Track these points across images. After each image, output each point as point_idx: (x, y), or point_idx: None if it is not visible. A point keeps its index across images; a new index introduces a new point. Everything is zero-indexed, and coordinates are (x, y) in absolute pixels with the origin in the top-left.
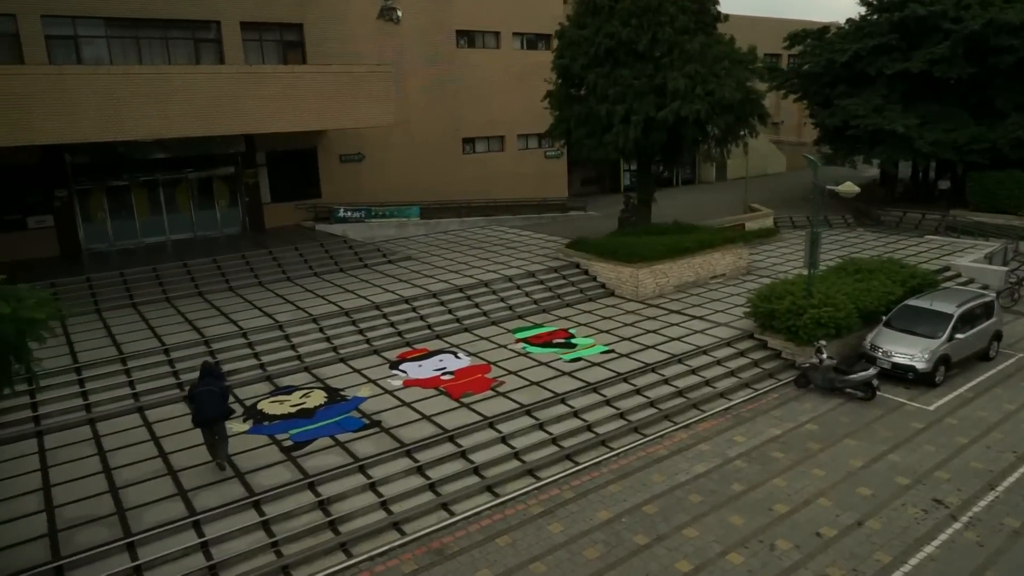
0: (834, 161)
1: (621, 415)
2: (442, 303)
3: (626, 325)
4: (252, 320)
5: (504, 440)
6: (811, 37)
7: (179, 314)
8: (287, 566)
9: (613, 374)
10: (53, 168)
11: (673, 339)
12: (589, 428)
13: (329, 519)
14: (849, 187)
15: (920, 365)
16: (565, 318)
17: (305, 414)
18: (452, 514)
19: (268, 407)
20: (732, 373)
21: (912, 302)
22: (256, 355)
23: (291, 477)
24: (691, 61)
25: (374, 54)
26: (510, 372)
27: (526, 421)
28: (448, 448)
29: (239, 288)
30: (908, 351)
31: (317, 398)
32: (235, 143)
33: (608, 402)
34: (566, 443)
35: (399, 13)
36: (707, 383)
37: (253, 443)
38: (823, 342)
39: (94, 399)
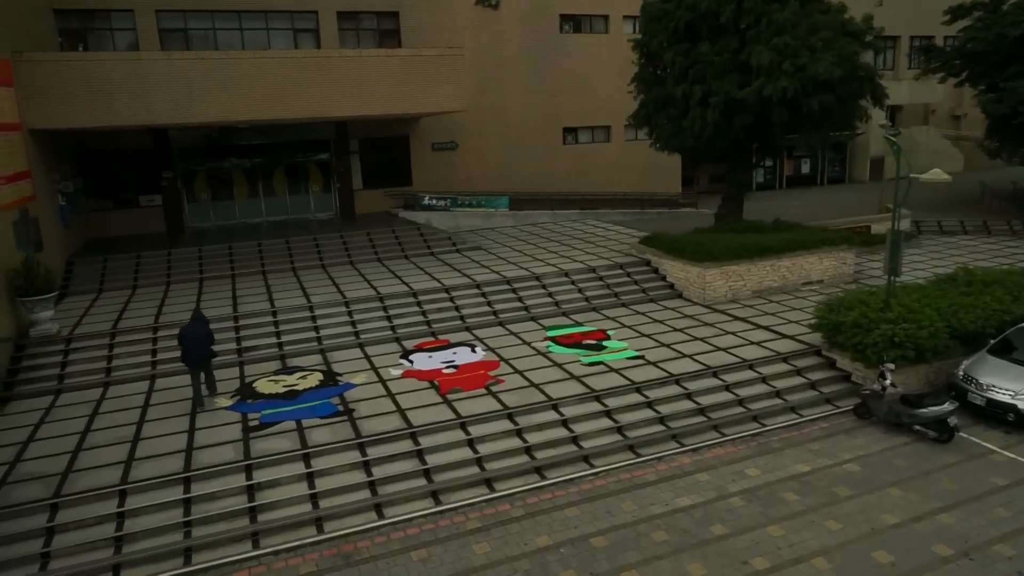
0: (999, 156)
1: (618, 429)
2: (483, 295)
3: (675, 331)
4: (291, 300)
5: (470, 443)
6: (980, 8)
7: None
8: (190, 548)
9: (627, 383)
10: (162, 151)
11: (719, 349)
12: (575, 440)
13: (251, 505)
14: (937, 175)
15: None
16: (613, 318)
17: (291, 395)
18: (382, 517)
19: (263, 385)
20: (777, 393)
21: None
22: (278, 334)
23: (233, 457)
24: (781, 33)
25: (471, 41)
26: (517, 371)
27: (503, 425)
28: (405, 445)
29: (301, 269)
30: (1012, 386)
31: (312, 380)
32: (327, 130)
33: (608, 413)
34: (540, 454)
35: None
36: (740, 402)
37: (222, 419)
38: (891, 365)
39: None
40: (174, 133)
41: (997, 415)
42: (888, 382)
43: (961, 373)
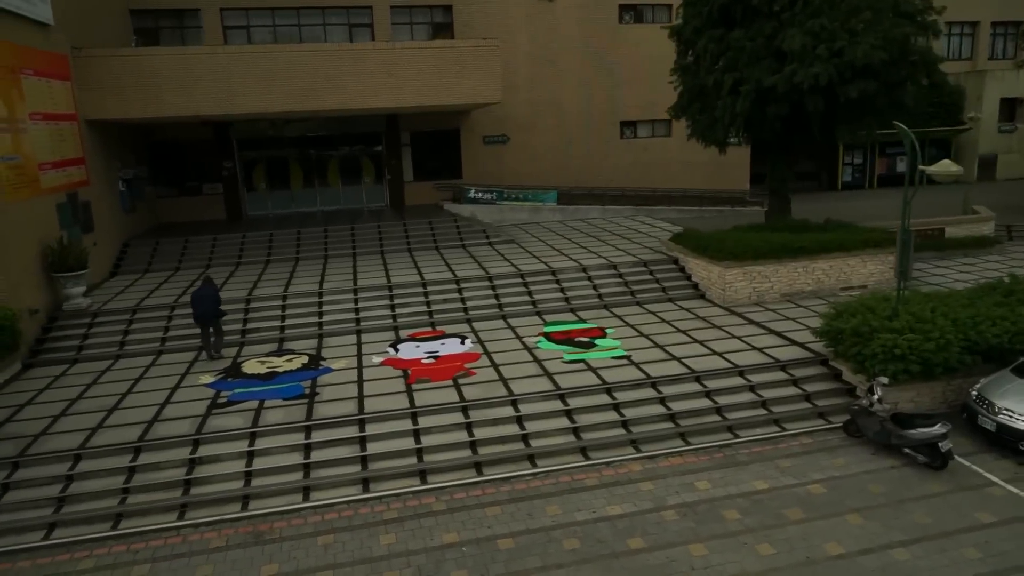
0: None
1: (574, 430)
2: (493, 288)
3: (678, 332)
4: (304, 285)
5: (416, 434)
6: None
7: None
8: (121, 514)
9: (599, 383)
10: (223, 143)
11: (715, 353)
12: (524, 438)
13: (187, 478)
14: (946, 167)
15: None
16: (620, 317)
17: (269, 377)
18: (307, 500)
19: (249, 366)
20: (762, 404)
21: None
22: (283, 318)
23: (186, 431)
24: (818, 15)
25: (524, 33)
26: (493, 365)
27: (455, 418)
28: (350, 431)
29: (332, 257)
30: None
31: (296, 363)
32: (378, 123)
33: (568, 413)
34: (484, 450)
35: None
36: (717, 410)
37: (196, 395)
38: (884, 379)
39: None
40: (236, 125)
41: (1008, 443)
42: (876, 397)
43: (975, 393)
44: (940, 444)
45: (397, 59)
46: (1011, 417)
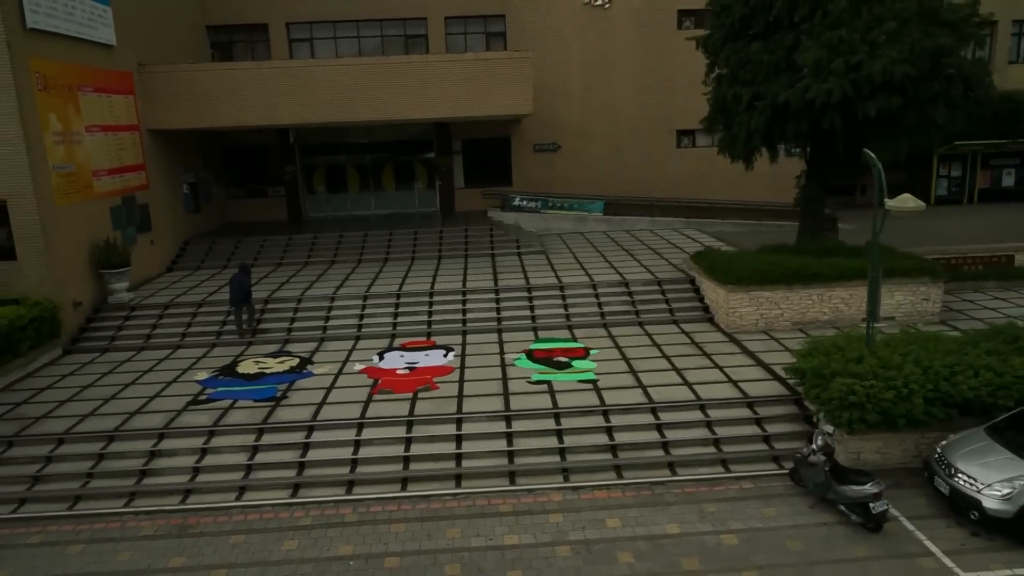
0: None
1: (509, 453)
2: (497, 300)
3: (661, 357)
4: (321, 290)
5: (356, 444)
6: None
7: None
8: (80, 496)
9: (549, 408)
10: (286, 148)
11: (687, 383)
12: (458, 457)
13: (143, 468)
14: (903, 202)
15: (992, 503)
16: (612, 337)
17: (256, 377)
18: (239, 499)
19: (244, 365)
20: (714, 442)
21: None
22: (292, 320)
23: (157, 424)
24: (838, 26)
25: (578, 41)
26: (459, 380)
27: (396, 432)
28: (297, 437)
29: (365, 261)
30: (983, 477)
31: (285, 366)
32: (430, 131)
33: (509, 435)
34: (414, 466)
35: None
36: (663, 445)
37: (184, 391)
38: (829, 428)
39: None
40: (297, 131)
41: (963, 510)
42: (814, 447)
43: (938, 451)
44: (872, 505)
45: (429, 72)
46: (965, 482)
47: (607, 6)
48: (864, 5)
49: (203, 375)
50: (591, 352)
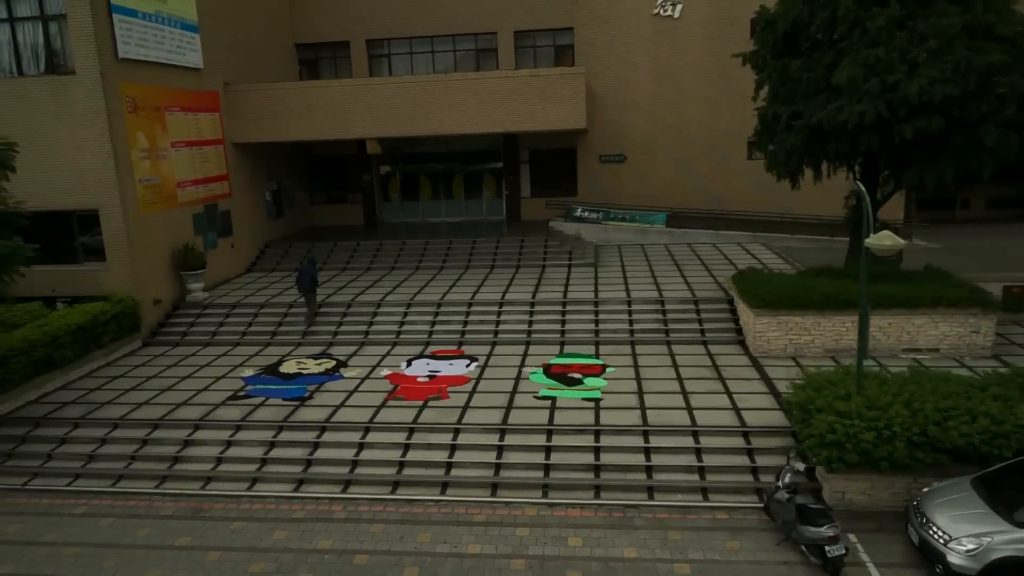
0: None
1: (496, 466)
2: (531, 312)
3: (675, 379)
4: (371, 296)
5: (361, 446)
6: None
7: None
8: (122, 475)
9: (543, 424)
10: (363, 158)
11: (688, 408)
12: (448, 466)
13: (176, 455)
14: (879, 240)
15: (956, 558)
16: (635, 355)
17: (294, 377)
18: (251, 488)
19: (286, 365)
20: (699, 469)
21: None
22: (339, 324)
23: (196, 416)
24: (876, 44)
25: (645, 52)
26: (471, 391)
27: (398, 437)
28: (307, 436)
29: (422, 269)
30: (952, 530)
31: (322, 367)
32: (497, 141)
33: (500, 448)
34: (407, 471)
35: (678, 6)
36: (647, 469)
37: (229, 385)
38: (799, 465)
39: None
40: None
41: (931, 561)
42: (781, 483)
43: (917, 500)
44: (828, 548)
45: (485, 88)
46: (934, 533)
47: (676, 17)
48: (909, 21)
49: (249, 372)
50: (607, 370)
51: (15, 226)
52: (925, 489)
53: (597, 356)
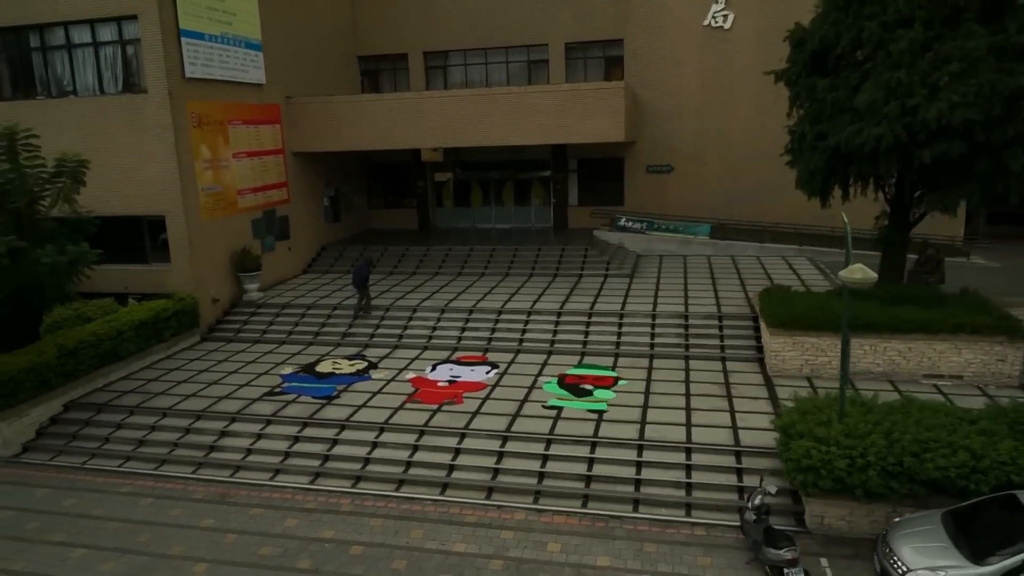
0: None
1: (494, 470)
2: (556, 322)
3: (680, 395)
4: (408, 301)
5: (374, 445)
6: None
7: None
8: (164, 460)
9: (545, 433)
10: (418, 165)
11: (687, 424)
12: (450, 468)
13: (212, 444)
14: (849, 273)
15: None
16: (650, 368)
17: (326, 376)
18: (272, 479)
19: (322, 365)
20: (686, 485)
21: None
22: (377, 327)
23: (234, 409)
24: (899, 67)
25: (695, 63)
26: (485, 398)
27: (407, 438)
28: (327, 433)
29: (464, 274)
30: (912, 561)
31: (354, 368)
32: (546, 151)
33: (501, 454)
34: (412, 471)
35: (730, 17)
36: (636, 482)
37: (268, 382)
38: (771, 488)
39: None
40: (425, 151)
41: None
42: (751, 505)
43: (886, 530)
44: (786, 571)
45: (525, 102)
46: (893, 564)
47: (727, 28)
48: (936, 43)
49: (288, 370)
50: (619, 382)
51: (86, 233)
52: (896, 519)
53: (613, 368)
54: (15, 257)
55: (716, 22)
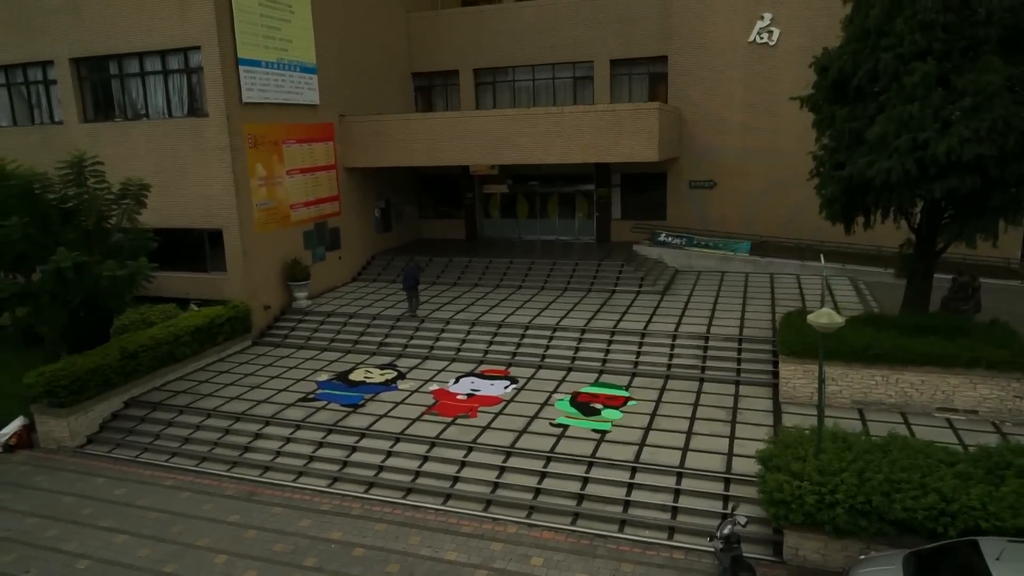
0: None
1: (495, 484)
2: (579, 340)
3: (687, 418)
4: (444, 313)
5: (389, 453)
6: None
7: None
8: (205, 458)
9: (546, 451)
10: (466, 178)
11: (683, 448)
12: (454, 480)
13: (247, 444)
14: (817, 318)
15: None
16: (661, 389)
17: (356, 385)
18: (295, 480)
19: (355, 374)
20: (672, 510)
21: (987, 543)
22: (410, 337)
23: (270, 413)
24: (912, 100)
25: (740, 80)
26: (497, 413)
27: (420, 449)
28: (347, 440)
29: (501, 287)
30: None
31: (384, 378)
32: (589, 165)
33: (502, 468)
34: (420, 481)
35: (776, 33)
36: (625, 503)
37: (304, 388)
38: (741, 518)
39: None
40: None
41: None
42: (719, 534)
43: (851, 566)
44: None
45: (564, 122)
46: None
47: (773, 44)
48: (954, 75)
49: (324, 377)
50: (628, 403)
51: (146, 248)
52: (862, 556)
53: (626, 388)
54: (80, 271)
55: (761, 39)
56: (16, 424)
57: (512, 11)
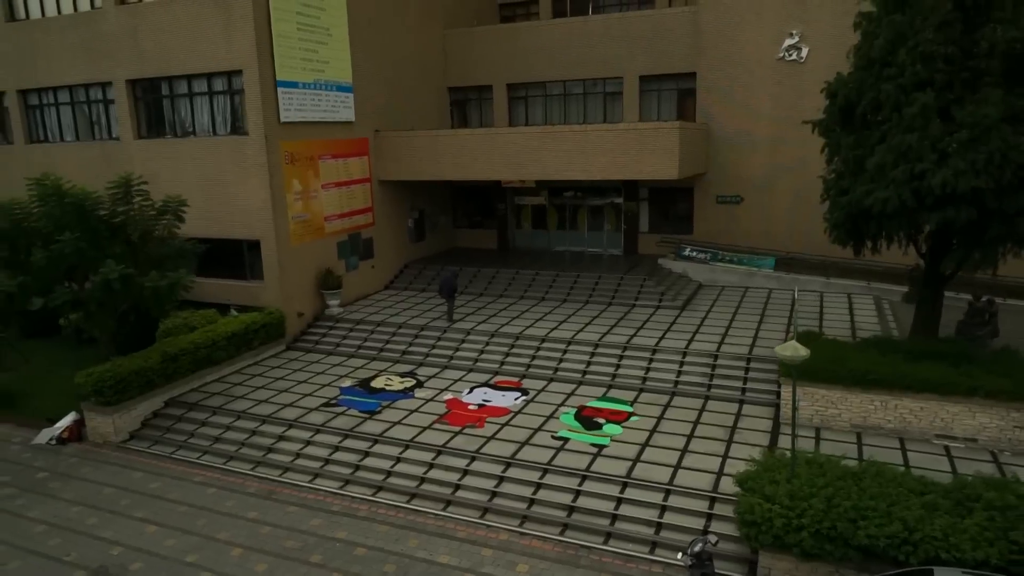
0: None
1: (493, 492)
2: (592, 354)
3: (685, 435)
4: (466, 323)
5: (399, 459)
6: None
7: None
8: (231, 457)
9: (543, 463)
10: (499, 190)
11: (673, 466)
12: (456, 487)
13: (270, 446)
14: (783, 350)
15: None
16: (665, 406)
17: (376, 391)
18: (311, 481)
19: (376, 381)
20: (657, 525)
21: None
22: (433, 346)
23: (294, 416)
24: (911, 130)
25: (768, 96)
26: (503, 424)
27: (427, 456)
28: (361, 445)
29: (525, 298)
30: None
31: (403, 386)
32: (615, 180)
33: (502, 478)
34: (424, 487)
35: (805, 50)
36: (613, 517)
37: (328, 393)
38: (712, 538)
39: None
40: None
41: None
42: (689, 551)
43: None
44: None
45: (587, 139)
46: None
47: (802, 61)
48: (955, 106)
49: (347, 383)
50: (632, 418)
51: (188, 260)
52: None
53: (631, 404)
54: (126, 281)
55: (790, 55)
56: (68, 419)
57: (544, 28)
